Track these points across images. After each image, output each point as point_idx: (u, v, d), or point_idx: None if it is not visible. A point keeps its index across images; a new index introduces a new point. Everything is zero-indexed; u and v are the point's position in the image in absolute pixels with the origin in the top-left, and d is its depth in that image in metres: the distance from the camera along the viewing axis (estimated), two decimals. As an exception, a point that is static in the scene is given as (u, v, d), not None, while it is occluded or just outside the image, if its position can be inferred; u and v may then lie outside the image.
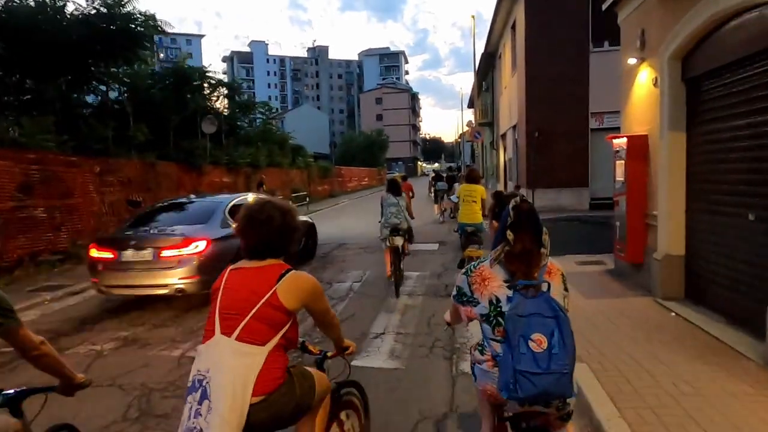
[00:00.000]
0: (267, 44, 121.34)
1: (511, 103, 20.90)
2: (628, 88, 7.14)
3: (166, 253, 6.07)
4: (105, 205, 11.20)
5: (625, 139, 6.77)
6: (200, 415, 1.72)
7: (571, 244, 10.44)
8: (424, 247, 10.78)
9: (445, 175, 21.92)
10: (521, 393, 1.72)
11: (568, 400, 1.88)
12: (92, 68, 12.60)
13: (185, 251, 6.08)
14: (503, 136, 24.85)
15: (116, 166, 11.69)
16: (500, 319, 1.86)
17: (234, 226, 2.38)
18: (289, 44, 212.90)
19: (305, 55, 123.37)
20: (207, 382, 1.75)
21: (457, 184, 14.93)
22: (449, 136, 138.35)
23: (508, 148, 22.27)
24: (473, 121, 27.63)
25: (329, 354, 2.38)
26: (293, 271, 1.95)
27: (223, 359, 1.78)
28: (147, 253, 6.10)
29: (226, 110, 20.74)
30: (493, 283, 1.92)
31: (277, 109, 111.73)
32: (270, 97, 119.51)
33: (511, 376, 1.73)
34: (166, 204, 7.98)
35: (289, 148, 25.06)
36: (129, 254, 6.18)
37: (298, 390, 1.94)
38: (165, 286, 6.09)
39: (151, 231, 6.68)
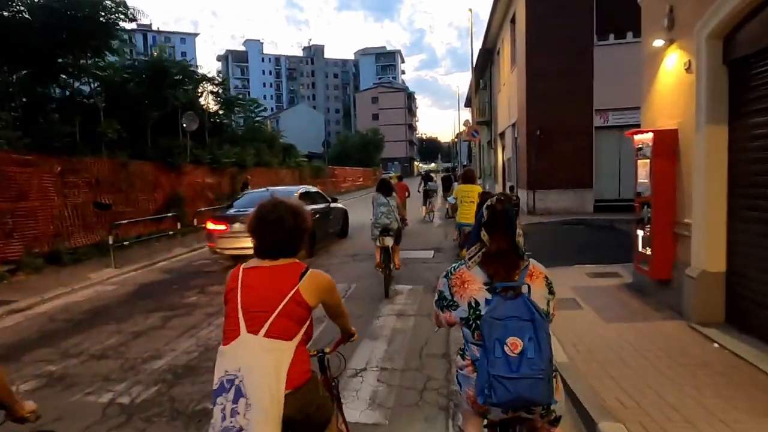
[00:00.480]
0: (262, 43, 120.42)
1: (510, 100, 19.99)
2: (651, 76, 6.23)
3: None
4: (68, 208, 10.19)
5: (650, 135, 5.84)
6: (237, 413, 1.74)
7: (579, 252, 9.53)
8: (418, 255, 9.84)
9: (441, 175, 21.72)
10: (495, 398, 1.69)
11: (552, 407, 1.82)
12: (59, 59, 11.57)
13: None
14: (501, 134, 23.94)
15: (82, 166, 10.67)
16: (479, 323, 1.82)
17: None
18: (286, 44, 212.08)
19: (301, 54, 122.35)
20: (240, 381, 1.78)
21: (456, 183, 14.41)
22: (446, 136, 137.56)
23: (507, 147, 21.36)
24: (470, 120, 26.83)
25: (327, 350, 2.44)
26: (311, 270, 2.02)
27: (253, 357, 1.81)
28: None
29: (212, 107, 19.72)
30: (473, 285, 1.88)
31: (271, 108, 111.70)
32: (265, 96, 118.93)
33: (486, 380, 1.71)
34: (253, 193, 11.32)
35: (279, 147, 24.06)
36: (237, 226, 8.82)
37: (320, 391, 2.05)
38: None
39: (249, 210, 7.59)
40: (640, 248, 6.20)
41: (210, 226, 9.47)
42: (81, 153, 10.78)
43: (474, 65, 22.00)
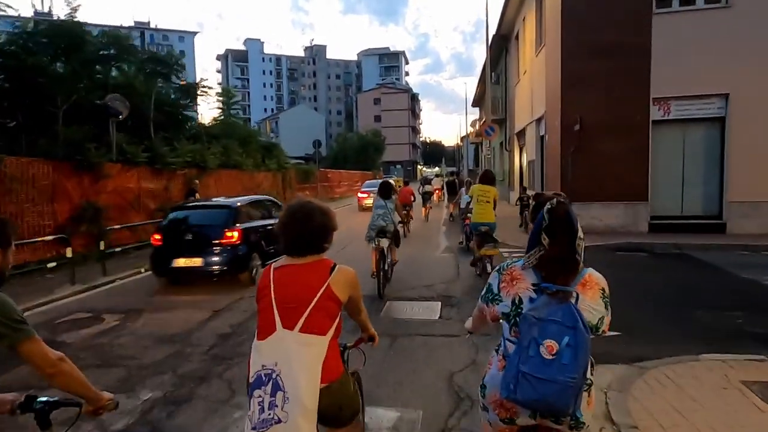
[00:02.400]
0: (263, 43, 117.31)
1: (533, 90, 16.33)
2: None
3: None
4: None
5: None
6: (275, 406, 1.78)
7: (676, 313, 5.86)
8: (416, 313, 6.13)
9: (446, 179, 22.96)
10: (519, 395, 1.65)
11: (581, 419, 1.75)
12: None
13: None
14: (520, 134, 20.28)
15: None
16: (518, 320, 1.78)
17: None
18: (290, 46, 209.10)
19: (303, 54, 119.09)
20: (278, 375, 1.82)
21: (463, 189, 12.86)
22: (450, 140, 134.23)
23: (529, 147, 17.68)
24: (479, 119, 23.28)
25: (349, 345, 2.41)
26: (339, 265, 2.05)
27: (290, 351, 1.85)
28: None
29: (171, 95, 16.13)
30: (521, 284, 1.83)
31: (271, 109, 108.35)
32: (265, 97, 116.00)
33: (514, 376, 1.67)
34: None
35: (256, 146, 20.43)
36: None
37: (352, 386, 2.11)
38: None
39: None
40: None
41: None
42: None
43: (488, 45, 18.36)
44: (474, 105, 43.38)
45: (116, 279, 8.65)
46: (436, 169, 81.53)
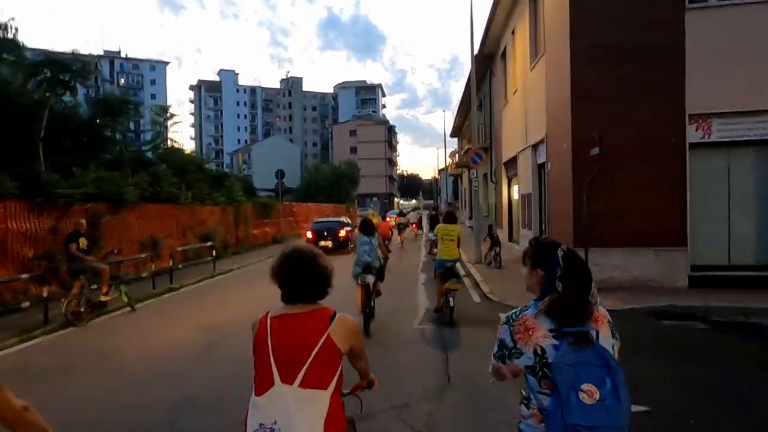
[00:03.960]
0: (237, 74, 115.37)
1: (528, 111, 13.78)
2: None
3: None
4: None
5: None
6: None
7: None
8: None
9: (429, 213, 24.79)
10: None
11: None
12: None
13: None
14: (509, 163, 17.68)
15: None
16: (546, 371, 1.70)
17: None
18: (267, 78, 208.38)
19: (278, 86, 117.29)
20: None
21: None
22: (428, 172, 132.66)
23: (522, 178, 14.98)
24: (461, 150, 20.75)
25: (345, 392, 2.16)
26: (340, 314, 1.96)
27: (289, 409, 1.76)
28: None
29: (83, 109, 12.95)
30: (537, 332, 1.74)
31: (245, 140, 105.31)
32: (239, 128, 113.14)
33: (562, 431, 1.59)
34: None
35: (202, 176, 17.25)
36: None
37: None
38: None
39: None
40: None
41: None
42: None
43: (473, 54, 15.84)
44: (453, 135, 41.28)
45: None
46: (413, 201, 79.21)
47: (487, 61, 19.89)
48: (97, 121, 13.11)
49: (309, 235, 18.99)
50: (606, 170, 9.13)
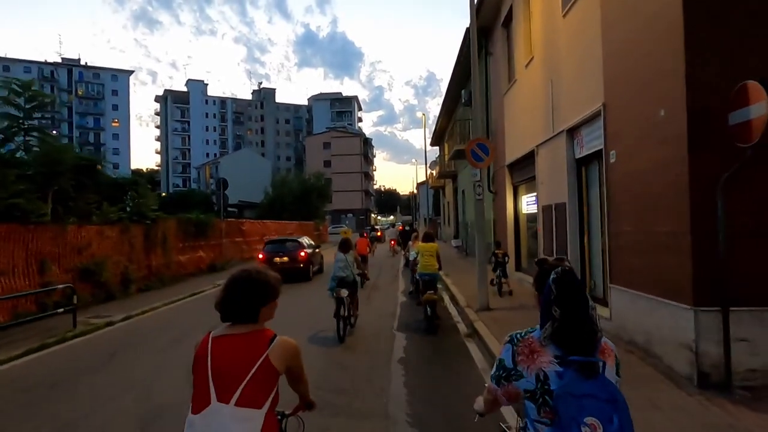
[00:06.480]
0: (206, 84, 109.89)
1: (560, 79, 9.23)
2: None
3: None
4: None
5: None
6: None
7: None
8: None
9: (406, 228, 25.14)
10: None
11: None
12: None
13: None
14: (514, 166, 13.12)
15: None
16: (547, 398, 1.61)
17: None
18: (239, 90, 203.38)
19: (250, 97, 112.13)
20: None
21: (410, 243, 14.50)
22: (405, 188, 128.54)
23: (547, 182, 10.30)
24: (444, 155, 16.08)
25: (287, 413, 2.30)
26: (279, 336, 1.98)
27: (224, 427, 1.77)
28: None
29: None
30: (542, 357, 1.65)
31: (214, 154, 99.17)
32: (207, 141, 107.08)
33: None
34: None
35: (86, 181, 12.14)
36: None
37: None
38: None
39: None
40: None
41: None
42: None
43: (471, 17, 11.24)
44: (434, 143, 36.85)
45: None
46: (391, 217, 74.72)
47: (485, 34, 15.42)
48: None
49: (260, 256, 15.94)
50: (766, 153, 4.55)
